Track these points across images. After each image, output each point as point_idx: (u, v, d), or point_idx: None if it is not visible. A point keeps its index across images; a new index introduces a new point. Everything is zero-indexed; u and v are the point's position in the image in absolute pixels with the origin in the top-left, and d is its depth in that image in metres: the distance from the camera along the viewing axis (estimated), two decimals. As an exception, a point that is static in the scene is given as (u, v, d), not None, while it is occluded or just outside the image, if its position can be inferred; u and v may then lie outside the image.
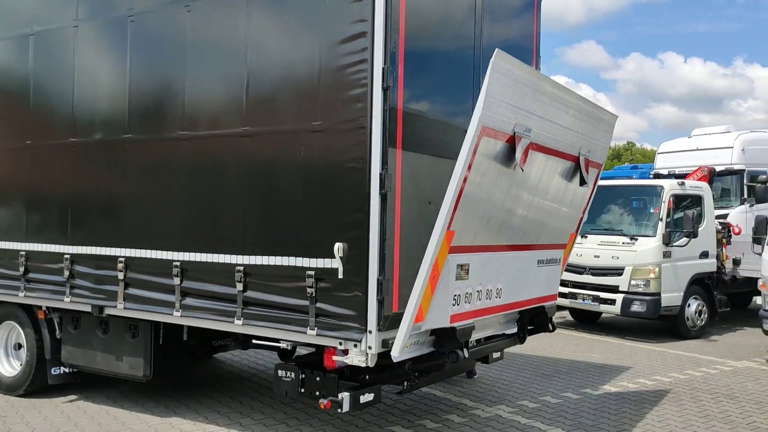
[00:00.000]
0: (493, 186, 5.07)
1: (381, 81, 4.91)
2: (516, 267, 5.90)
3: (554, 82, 5.52)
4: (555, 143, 5.68)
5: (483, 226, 5.20)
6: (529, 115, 5.11)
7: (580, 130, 6.00)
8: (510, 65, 4.80)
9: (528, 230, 5.93)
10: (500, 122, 4.81)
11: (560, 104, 5.61)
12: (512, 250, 5.79)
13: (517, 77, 4.90)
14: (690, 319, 11.08)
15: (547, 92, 5.37)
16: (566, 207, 6.43)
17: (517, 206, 5.59)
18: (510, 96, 4.85)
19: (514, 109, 4.92)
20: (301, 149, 5.30)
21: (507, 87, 4.78)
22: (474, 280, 5.18)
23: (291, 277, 5.26)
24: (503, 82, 4.73)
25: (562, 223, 6.53)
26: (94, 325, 6.50)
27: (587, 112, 6.10)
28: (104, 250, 6.32)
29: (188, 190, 5.89)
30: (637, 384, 7.97)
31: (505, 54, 4.71)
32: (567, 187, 6.23)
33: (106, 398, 6.84)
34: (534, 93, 5.15)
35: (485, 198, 5.05)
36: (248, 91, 5.57)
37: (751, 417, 6.75)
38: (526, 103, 5.06)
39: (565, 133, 5.78)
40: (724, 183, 13.48)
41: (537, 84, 5.21)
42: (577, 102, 5.91)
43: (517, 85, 4.90)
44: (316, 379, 5.35)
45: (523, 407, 6.85)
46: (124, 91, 6.28)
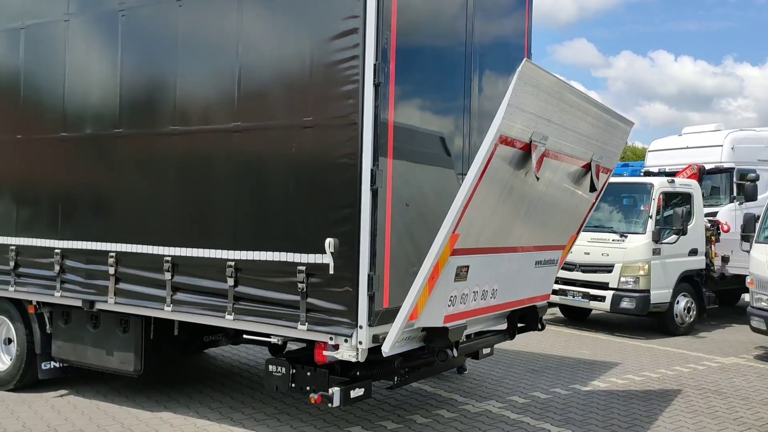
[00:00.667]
0: (503, 191, 5.00)
1: (372, 77, 4.92)
2: (514, 268, 5.86)
3: (577, 90, 5.38)
4: (569, 150, 5.58)
5: (488, 230, 5.14)
6: (548, 123, 5.01)
7: (595, 137, 5.88)
8: (536, 75, 4.67)
9: (531, 233, 5.87)
10: (518, 131, 4.72)
11: (580, 112, 5.49)
12: (512, 251, 5.74)
13: (541, 86, 4.77)
14: (679, 315, 11.17)
15: (569, 101, 5.24)
16: (572, 210, 6.38)
17: (524, 210, 5.51)
18: (532, 105, 4.73)
19: (534, 117, 4.81)
20: (292, 145, 5.31)
21: (530, 96, 4.67)
22: (471, 281, 5.17)
23: (282, 272, 5.28)
24: (527, 91, 4.61)
25: (565, 226, 6.49)
26: (85, 320, 6.50)
27: (605, 120, 5.99)
28: (95, 245, 6.31)
29: (179, 185, 5.89)
30: (625, 380, 8.04)
31: (532, 64, 4.60)
32: (575, 192, 6.14)
33: (96, 393, 6.84)
34: (556, 102, 5.02)
35: (494, 203, 4.98)
36: (239, 87, 5.58)
37: (737, 412, 6.83)
38: (546, 112, 4.95)
39: (581, 140, 5.67)
40: (714, 181, 13.58)
41: (560, 93, 5.08)
42: (597, 110, 5.79)
43: (540, 94, 4.78)
44: (307, 374, 5.38)
45: (512, 403, 6.90)
46: (115, 85, 6.27)
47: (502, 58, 6.70)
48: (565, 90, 5.14)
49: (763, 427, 6.37)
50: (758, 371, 8.70)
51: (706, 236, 11.70)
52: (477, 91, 6.17)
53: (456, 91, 6.00)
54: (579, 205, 6.43)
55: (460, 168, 6.01)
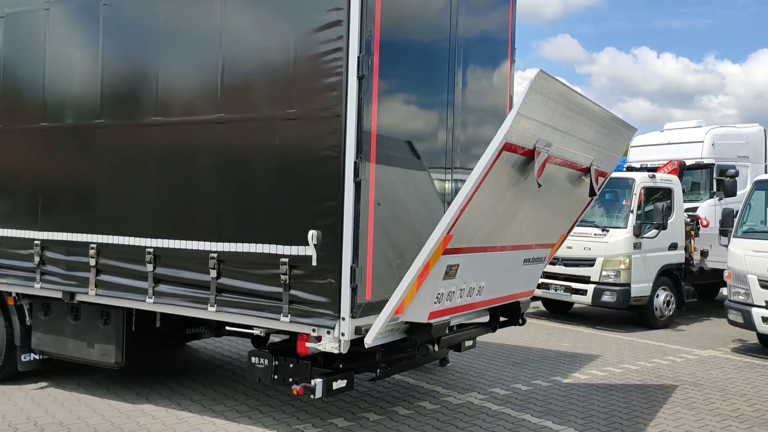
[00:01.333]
0: (501, 194, 4.98)
1: (356, 69, 4.93)
2: (502, 266, 5.86)
3: (585, 98, 5.32)
4: (572, 156, 5.56)
5: (481, 231, 5.14)
6: (554, 131, 4.98)
7: (598, 142, 5.87)
8: (549, 85, 4.62)
9: (523, 232, 5.86)
10: (524, 138, 4.69)
11: (586, 119, 5.46)
12: (503, 250, 5.73)
13: (552, 95, 4.72)
14: (658, 309, 11.31)
15: (577, 108, 5.20)
16: (566, 211, 6.39)
17: (520, 212, 5.50)
18: (540, 113, 4.70)
19: (541, 125, 4.78)
20: (275, 137, 5.30)
21: (540, 104, 4.63)
22: (460, 279, 5.16)
23: (265, 264, 5.28)
24: (536, 100, 4.58)
25: (557, 225, 6.50)
26: (65, 312, 6.45)
27: (610, 126, 5.96)
28: (75, 236, 6.26)
29: (161, 177, 5.86)
30: (605, 372, 8.14)
31: (547, 74, 4.54)
32: (571, 194, 6.14)
33: (77, 385, 6.80)
34: (563, 109, 4.99)
35: (491, 205, 4.97)
36: (223, 78, 5.55)
37: (714, 404, 6.95)
38: (553, 119, 4.91)
39: (584, 146, 5.66)
40: (694, 177, 13.75)
41: (569, 101, 5.03)
42: (603, 117, 5.76)
43: (549, 102, 4.73)
44: (290, 365, 5.39)
45: (494, 394, 6.96)
46: (96, 75, 6.21)
47: (486, 52, 6.73)
48: (574, 98, 5.09)
49: (740, 418, 6.48)
50: (735, 363, 8.85)
51: (685, 231, 11.85)
52: (461, 86, 6.19)
53: (440, 85, 6.01)
54: (573, 207, 6.45)
55: (444, 162, 6.04)
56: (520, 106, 4.42)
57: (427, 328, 5.12)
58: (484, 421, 6.08)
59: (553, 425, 6.04)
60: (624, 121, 6.27)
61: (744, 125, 15.19)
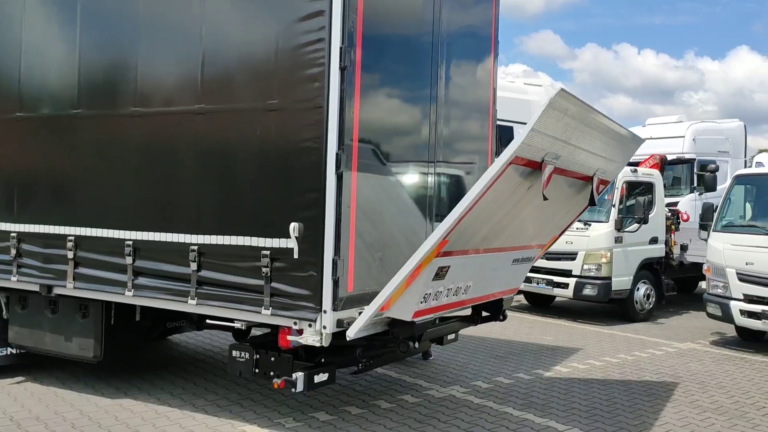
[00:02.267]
0: (503, 202, 4.95)
1: (338, 61, 4.89)
2: (491, 266, 5.82)
3: (601, 114, 5.24)
4: (578, 167, 5.54)
5: (477, 234, 5.09)
6: (565, 144, 4.93)
7: (605, 154, 5.84)
8: (567, 102, 4.56)
9: (518, 235, 5.83)
10: (534, 151, 4.64)
11: (599, 132, 5.41)
12: (495, 251, 5.68)
13: (569, 112, 4.66)
14: (639, 302, 11.41)
15: (591, 123, 5.14)
16: (562, 216, 6.38)
17: (518, 217, 5.46)
18: (553, 128, 4.65)
19: (553, 139, 4.73)
20: (257, 128, 5.24)
21: (555, 120, 4.58)
22: (449, 280, 5.12)
23: (246, 256, 5.23)
24: (553, 116, 4.52)
25: (552, 228, 6.49)
26: (43, 305, 6.35)
27: (619, 138, 5.92)
28: (53, 229, 6.16)
29: (141, 168, 5.78)
30: (586, 365, 8.19)
31: (567, 93, 4.48)
32: (571, 200, 6.12)
33: (54, 380, 6.70)
34: (578, 125, 4.93)
35: (491, 213, 4.93)
36: (203, 68, 5.48)
37: (693, 396, 7.02)
38: (566, 134, 4.86)
39: (591, 157, 5.62)
40: (675, 171, 13.87)
41: (585, 117, 4.96)
42: (614, 131, 5.71)
43: (565, 118, 4.68)
44: (271, 359, 5.35)
45: (476, 388, 6.97)
46: (74, 65, 6.10)
47: (470, 47, 6.71)
48: (589, 113, 5.02)
49: (719, 410, 6.55)
50: (713, 356, 8.95)
51: (666, 225, 11.96)
52: (444, 80, 6.16)
53: (423, 79, 5.98)
54: (571, 211, 6.44)
55: (427, 156, 6.01)
56: (536, 122, 4.34)
57: (410, 325, 5.10)
58: (466, 414, 6.08)
59: (535, 418, 6.06)
60: (633, 133, 6.26)
61: (724, 121, 15.35)
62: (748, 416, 6.39)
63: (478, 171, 6.76)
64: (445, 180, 6.26)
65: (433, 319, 5.40)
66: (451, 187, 6.42)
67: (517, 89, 16.50)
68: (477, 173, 6.75)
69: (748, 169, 12.89)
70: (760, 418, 6.33)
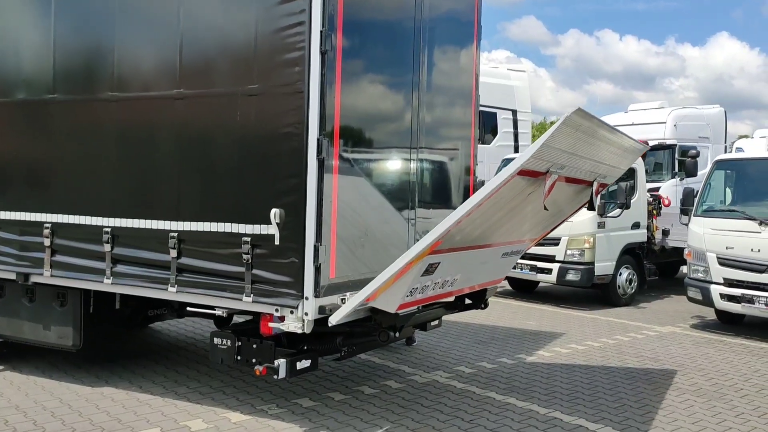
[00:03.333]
0: (501, 207, 4.91)
1: (319, 44, 4.82)
2: (481, 260, 5.78)
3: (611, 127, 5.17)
4: (580, 174, 5.51)
5: (472, 234, 5.06)
6: (571, 156, 4.90)
7: (609, 161, 5.81)
8: (583, 120, 4.51)
9: (512, 233, 5.80)
10: (541, 164, 4.60)
11: (606, 144, 5.36)
12: (486, 247, 5.63)
13: (581, 128, 4.61)
14: (621, 287, 11.51)
15: (602, 137, 5.10)
16: (557, 215, 6.34)
17: (515, 219, 5.44)
18: (563, 143, 4.61)
19: (561, 152, 4.69)
20: (237, 113, 5.17)
21: (567, 136, 4.54)
22: (437, 275, 5.09)
23: (226, 243, 5.18)
24: (566, 132, 4.47)
25: (545, 226, 6.47)
26: (20, 294, 6.27)
27: (625, 147, 5.88)
28: (29, 216, 6.06)
29: (119, 154, 5.69)
30: (569, 349, 8.25)
31: (585, 113, 4.42)
32: (569, 202, 6.11)
33: (34, 368, 6.62)
34: (589, 138, 4.88)
35: (488, 216, 4.90)
36: (182, 52, 5.39)
37: (673, 378, 7.10)
38: (574, 147, 4.82)
39: (595, 165, 5.60)
40: (657, 157, 13.95)
41: (596, 132, 4.92)
42: (622, 142, 5.68)
43: (577, 133, 4.64)
44: (253, 346, 5.32)
45: (459, 373, 6.99)
46: (49, 49, 5.98)
47: (452, 33, 6.65)
48: (601, 128, 4.97)
49: (698, 392, 6.64)
50: (693, 339, 9.06)
51: (648, 210, 12.04)
52: (426, 66, 6.11)
53: (405, 65, 5.92)
54: (566, 210, 6.42)
55: (409, 142, 5.97)
56: (548, 138, 4.28)
57: (393, 316, 5.08)
58: (449, 400, 6.11)
59: (517, 402, 6.10)
60: (638, 141, 6.27)
61: (705, 107, 15.46)
62: (726, 398, 6.48)
63: (461, 157, 6.74)
64: (427, 166, 6.23)
65: (416, 311, 5.39)
66: (434, 174, 6.40)
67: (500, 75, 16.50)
68: (460, 159, 6.74)
69: (728, 154, 13.00)
70: (738, 400, 6.42)
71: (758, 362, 7.89)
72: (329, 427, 5.33)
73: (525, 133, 16.95)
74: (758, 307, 8.81)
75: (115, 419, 5.37)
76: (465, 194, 6.72)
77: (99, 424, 5.25)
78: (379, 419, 5.55)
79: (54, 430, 5.13)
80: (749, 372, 7.45)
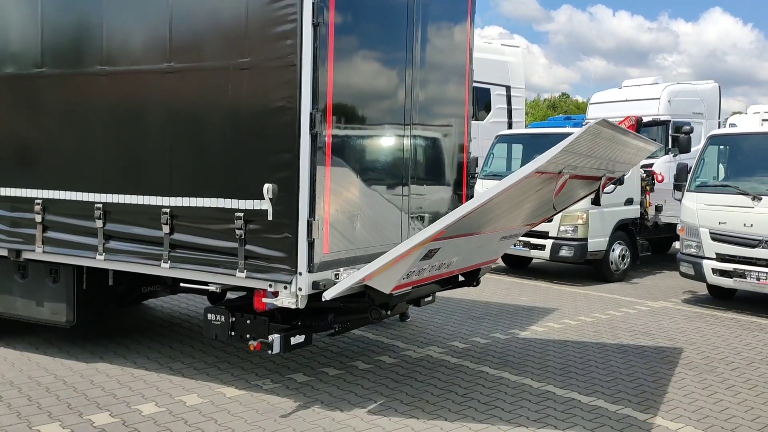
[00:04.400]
0: (509, 202, 4.90)
1: (311, 17, 4.76)
2: (479, 244, 5.77)
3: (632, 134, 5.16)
4: (591, 171, 5.51)
5: (475, 222, 5.04)
6: (587, 158, 4.89)
7: (622, 159, 5.83)
8: (606, 129, 4.50)
9: (514, 220, 5.79)
10: (555, 166, 4.60)
11: (621, 146, 5.35)
12: (487, 233, 5.62)
13: (601, 135, 4.60)
14: (614, 263, 11.56)
15: (619, 140, 5.09)
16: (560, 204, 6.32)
17: (519, 209, 5.42)
18: (583, 148, 4.61)
19: (577, 156, 4.69)
20: (228, 87, 5.11)
21: (586, 142, 4.53)
22: (436, 259, 5.08)
23: (219, 219, 5.16)
24: (586, 139, 4.46)
25: (546, 213, 6.44)
26: (12, 270, 6.24)
27: (638, 147, 5.87)
28: (19, 192, 6.01)
29: (109, 129, 5.63)
30: (561, 324, 8.31)
31: (609, 123, 4.42)
32: (574, 195, 6.11)
33: (27, 345, 6.62)
34: (606, 142, 4.88)
35: (494, 209, 4.89)
36: (172, 25, 5.31)
37: (664, 352, 7.17)
38: (592, 149, 4.82)
39: (606, 163, 5.60)
40: (651, 133, 13.89)
41: (615, 137, 4.91)
42: (638, 143, 5.69)
43: (596, 140, 4.63)
44: (247, 321, 5.32)
45: (453, 348, 7.03)
46: (36, 21, 5.87)
47: (446, 9, 6.56)
48: (619, 133, 4.96)
49: (689, 365, 6.70)
50: (685, 314, 9.13)
51: (641, 186, 12.05)
52: (420, 42, 6.04)
53: (398, 41, 5.85)
54: (568, 201, 6.42)
55: (402, 119, 5.92)
56: (568, 144, 4.26)
57: (387, 295, 5.08)
58: (443, 374, 6.15)
59: (510, 376, 6.14)
60: (650, 140, 6.26)
61: (699, 82, 15.38)
62: (717, 371, 6.55)
63: (454, 134, 6.71)
64: (421, 143, 6.19)
65: (410, 291, 5.40)
66: (428, 150, 6.37)
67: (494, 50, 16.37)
68: (453, 136, 6.70)
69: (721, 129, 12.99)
70: (729, 373, 6.49)
71: (749, 336, 7.97)
72: (323, 402, 5.37)
73: (519, 110, 16.88)
74: (750, 281, 8.87)
75: (110, 394, 5.39)
76: (458, 171, 6.70)
77: (94, 399, 5.27)
78: (373, 394, 5.58)
79: (49, 405, 5.14)
80: (740, 345, 7.53)
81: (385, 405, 5.35)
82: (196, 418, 4.98)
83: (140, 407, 5.14)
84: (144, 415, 5.00)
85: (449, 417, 5.14)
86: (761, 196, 8.84)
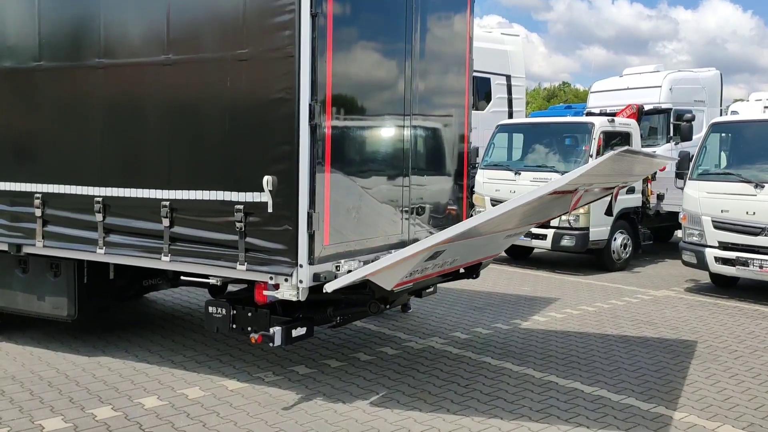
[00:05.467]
0: (521, 215, 4.90)
1: (309, 7, 4.72)
2: (484, 242, 5.75)
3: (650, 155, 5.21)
4: (606, 185, 5.52)
5: (482, 231, 5.03)
6: (605, 177, 4.91)
7: (636, 172, 5.85)
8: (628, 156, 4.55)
9: (522, 225, 5.78)
10: (573, 186, 4.60)
11: (639, 164, 5.37)
12: (493, 234, 5.60)
13: (624, 160, 4.62)
14: (616, 252, 11.53)
15: (639, 161, 5.13)
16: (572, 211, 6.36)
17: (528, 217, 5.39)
18: (602, 170, 4.60)
19: (595, 176, 4.70)
20: (227, 79, 5.08)
21: (606, 165, 4.52)
22: (440, 258, 5.08)
23: (219, 211, 5.13)
24: (607, 165, 4.47)
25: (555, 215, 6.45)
26: (13, 265, 6.23)
27: (651, 162, 5.89)
28: (19, 186, 6.00)
29: (108, 122, 5.60)
30: (563, 314, 8.30)
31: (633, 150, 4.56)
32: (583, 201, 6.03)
33: (29, 339, 6.62)
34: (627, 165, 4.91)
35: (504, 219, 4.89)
36: (170, 17, 5.27)
37: (667, 341, 7.15)
38: (609, 168, 4.79)
39: (620, 177, 5.60)
40: (652, 122, 13.84)
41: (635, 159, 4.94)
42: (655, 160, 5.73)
43: (615, 164, 4.63)
44: (248, 314, 5.31)
45: (455, 339, 7.03)
46: (34, 14, 5.83)
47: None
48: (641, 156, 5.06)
49: (692, 354, 6.69)
50: (687, 302, 9.12)
51: (643, 175, 12.00)
52: (419, 33, 5.99)
53: (397, 31, 5.80)
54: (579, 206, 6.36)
55: (402, 109, 5.88)
56: (590, 168, 4.29)
57: (388, 292, 5.07)
58: (445, 365, 6.14)
59: (513, 366, 6.14)
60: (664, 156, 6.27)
61: (701, 70, 15.28)
62: (720, 359, 6.54)
63: (455, 124, 6.67)
64: (421, 133, 6.16)
65: (411, 287, 5.40)
66: (428, 141, 6.33)
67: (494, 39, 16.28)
68: (454, 126, 6.66)
69: (723, 117, 12.92)
70: (732, 361, 6.48)
71: (752, 324, 7.96)
72: (325, 394, 5.36)
73: (519, 99, 16.81)
74: (752, 269, 8.85)
75: (112, 388, 5.39)
76: (459, 161, 6.67)
77: (96, 393, 5.27)
78: (375, 385, 5.58)
79: (51, 399, 5.14)
80: (743, 334, 7.51)
81: (387, 397, 5.34)
82: (198, 411, 4.98)
83: (142, 401, 5.14)
84: (146, 409, 5.00)
85: (452, 408, 5.13)
86: (763, 183, 8.80)
